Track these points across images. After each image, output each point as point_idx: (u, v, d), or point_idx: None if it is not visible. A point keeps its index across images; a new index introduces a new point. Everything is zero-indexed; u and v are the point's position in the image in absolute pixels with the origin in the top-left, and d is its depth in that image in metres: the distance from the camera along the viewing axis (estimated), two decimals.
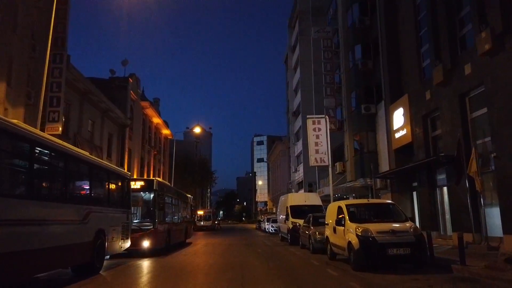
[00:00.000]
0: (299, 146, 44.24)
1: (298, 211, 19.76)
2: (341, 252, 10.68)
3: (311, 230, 14.66)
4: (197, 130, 47.58)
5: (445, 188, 15.60)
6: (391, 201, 13.26)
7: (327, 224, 12.24)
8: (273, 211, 51.93)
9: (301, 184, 43.86)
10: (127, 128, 31.73)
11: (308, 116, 23.83)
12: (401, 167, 17.31)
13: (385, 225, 9.73)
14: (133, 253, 14.01)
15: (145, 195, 14.73)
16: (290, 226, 19.39)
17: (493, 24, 11.81)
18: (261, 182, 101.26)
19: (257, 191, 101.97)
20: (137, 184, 14.67)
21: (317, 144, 21.71)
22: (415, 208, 18.46)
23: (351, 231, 9.73)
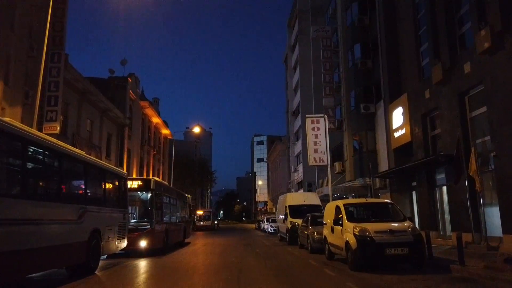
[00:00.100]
0: (299, 146, 44.16)
1: (297, 211, 19.67)
2: (339, 252, 10.59)
3: (310, 230, 14.57)
4: (197, 130, 47.48)
5: (445, 188, 15.51)
6: (390, 201, 13.17)
7: (325, 224, 12.15)
8: (273, 211, 51.78)
9: (301, 184, 43.79)
10: (126, 128, 31.62)
11: (307, 116, 23.74)
12: (400, 167, 17.21)
13: (383, 225, 9.64)
14: (131, 253, 13.94)
15: (143, 195, 14.63)
16: (289, 226, 19.30)
17: (493, 22, 11.71)
18: (261, 182, 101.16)
19: (257, 191, 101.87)
20: (134, 184, 14.58)
21: (316, 144, 21.61)
22: (415, 208, 18.37)
23: (349, 231, 9.63)
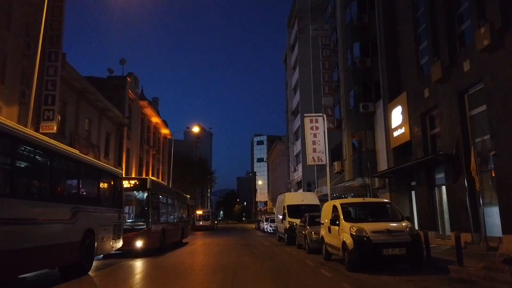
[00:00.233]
0: (298, 146, 43.99)
1: (295, 211, 19.52)
2: (336, 252, 10.45)
3: (307, 230, 14.43)
4: (196, 130, 47.38)
5: (444, 187, 15.36)
6: (387, 200, 13.04)
7: (323, 224, 12.01)
8: (273, 211, 51.61)
9: (300, 184, 43.63)
10: (125, 128, 31.50)
11: (306, 115, 23.60)
12: (398, 166, 17.08)
13: (381, 225, 9.49)
14: (127, 253, 13.83)
15: (139, 194, 14.51)
16: (287, 226, 19.16)
17: (492, 20, 11.55)
18: (261, 182, 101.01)
19: (257, 191, 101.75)
20: (131, 183, 14.47)
21: (315, 143, 21.46)
22: (414, 208, 18.22)
23: (346, 231, 9.49)
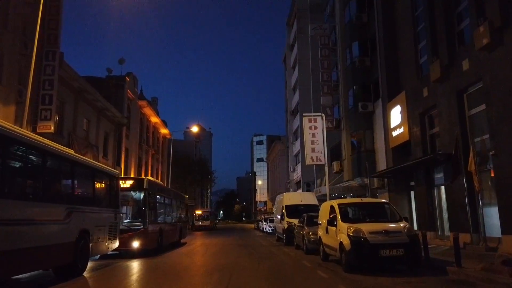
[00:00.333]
0: (297, 145, 43.87)
1: (294, 211, 19.41)
2: (334, 253, 10.34)
3: (305, 230, 14.33)
4: (195, 129, 47.27)
5: (443, 187, 15.25)
6: (385, 201, 12.93)
7: (320, 224, 11.91)
8: (273, 211, 51.58)
9: (300, 184, 43.52)
10: (124, 127, 31.40)
11: (304, 114, 23.47)
12: (397, 166, 16.97)
13: (378, 225, 9.39)
14: (124, 254, 13.73)
15: (135, 195, 14.42)
16: (285, 226, 19.05)
17: (492, 18, 11.45)
18: (261, 182, 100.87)
19: (257, 191, 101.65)
20: (127, 183, 14.38)
21: (313, 143, 21.34)
22: (413, 208, 18.11)
23: (343, 232, 9.39)
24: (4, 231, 6.59)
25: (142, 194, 14.23)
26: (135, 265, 11.59)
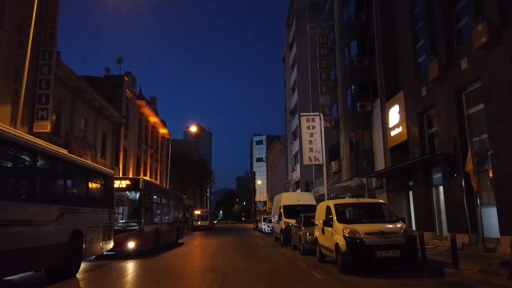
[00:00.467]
0: (296, 145, 43.71)
1: (291, 211, 19.30)
2: (330, 254, 10.22)
3: (302, 231, 14.20)
4: (193, 129, 47.15)
5: (441, 187, 15.12)
6: (382, 201, 12.79)
7: (317, 225, 11.79)
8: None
9: (298, 184, 43.39)
10: (123, 127, 31.28)
11: (302, 114, 23.35)
12: (395, 166, 16.84)
13: (374, 226, 9.26)
14: (120, 254, 13.60)
15: (131, 195, 14.30)
16: (283, 226, 18.93)
17: (490, 16, 11.32)
18: (260, 182, 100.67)
19: (257, 191, 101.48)
20: (123, 183, 14.25)
21: (311, 143, 21.19)
22: (411, 208, 17.97)
23: (339, 232, 9.26)
24: None
25: (138, 194, 14.11)
26: (130, 266, 11.47)
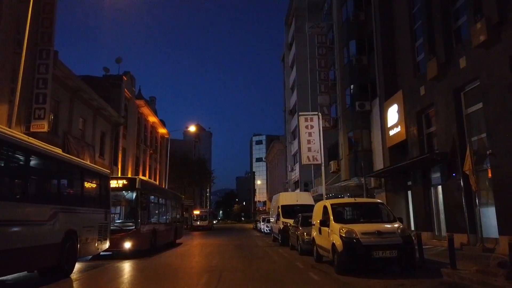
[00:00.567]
0: (296, 145, 43.61)
1: (289, 211, 19.21)
2: (326, 254, 10.13)
3: (300, 231, 14.12)
4: (193, 129, 47.03)
5: (440, 187, 15.02)
6: (380, 201, 12.70)
7: (314, 225, 11.70)
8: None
9: (298, 184, 43.29)
10: (121, 127, 31.17)
11: (301, 113, 23.26)
12: (394, 165, 16.75)
13: (371, 226, 9.17)
14: (116, 254, 13.52)
15: (128, 194, 14.21)
16: (281, 226, 18.84)
17: (489, 14, 11.21)
18: (260, 182, 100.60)
19: (256, 191, 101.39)
20: (119, 183, 14.16)
21: (310, 142, 21.08)
22: (410, 208, 17.88)
23: (335, 232, 9.17)
24: None
25: (135, 194, 14.02)
26: (125, 266, 11.38)
